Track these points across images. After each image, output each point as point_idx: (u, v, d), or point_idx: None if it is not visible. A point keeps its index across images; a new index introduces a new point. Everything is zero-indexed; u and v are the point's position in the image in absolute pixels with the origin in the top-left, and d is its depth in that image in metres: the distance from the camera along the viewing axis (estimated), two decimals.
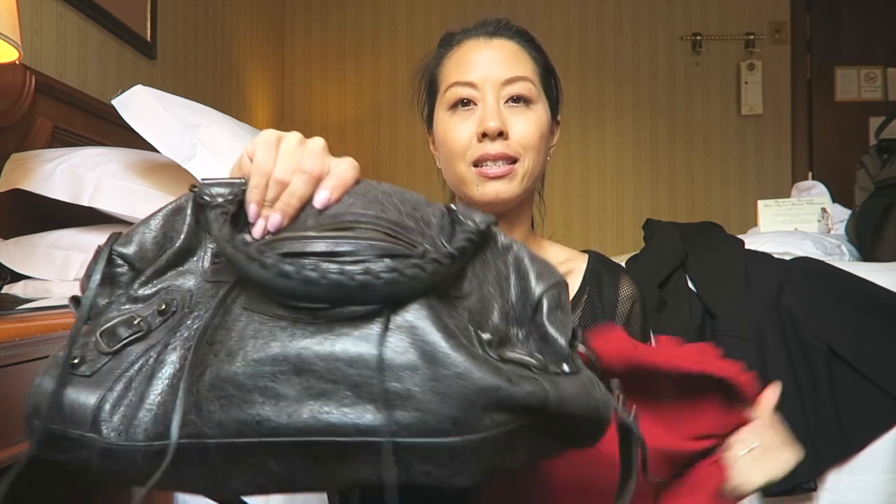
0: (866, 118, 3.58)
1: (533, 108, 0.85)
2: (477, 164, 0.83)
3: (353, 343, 0.42)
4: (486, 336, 0.46)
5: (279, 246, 0.47)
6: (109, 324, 0.48)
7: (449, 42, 0.91)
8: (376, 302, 0.43)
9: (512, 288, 0.51)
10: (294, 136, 0.55)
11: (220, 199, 0.50)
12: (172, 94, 1.42)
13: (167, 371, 0.45)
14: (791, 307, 1.36)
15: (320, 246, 0.46)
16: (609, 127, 3.77)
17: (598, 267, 0.91)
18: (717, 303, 1.39)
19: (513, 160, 0.83)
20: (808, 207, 2.07)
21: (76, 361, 0.46)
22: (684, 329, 1.35)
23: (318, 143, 0.56)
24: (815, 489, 1.26)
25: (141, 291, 0.50)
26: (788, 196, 2.40)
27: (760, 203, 2.12)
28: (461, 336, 0.44)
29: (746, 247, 1.60)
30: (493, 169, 0.82)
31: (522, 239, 0.89)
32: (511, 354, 0.46)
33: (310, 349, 0.42)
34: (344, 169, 0.53)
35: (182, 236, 0.51)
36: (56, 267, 1.37)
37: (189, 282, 0.50)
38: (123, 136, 1.66)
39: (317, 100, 3.83)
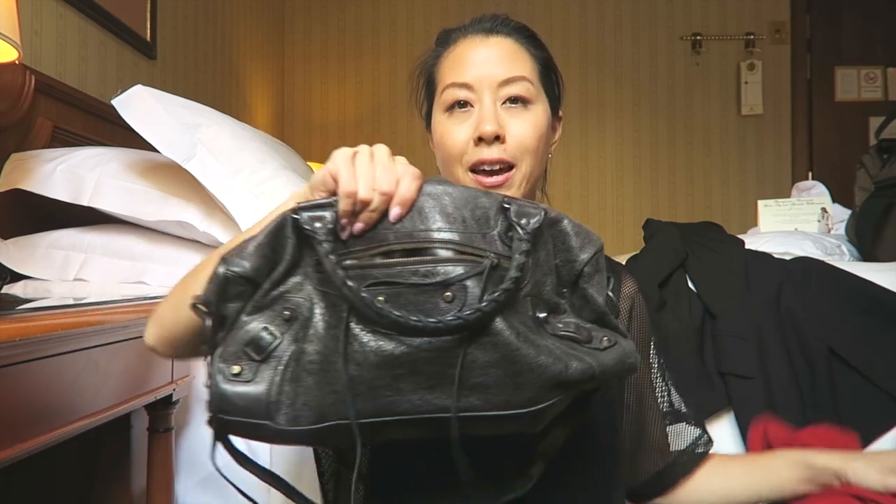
0: (866, 118, 3.58)
1: (531, 108, 0.84)
2: (474, 169, 0.82)
3: (450, 351, 0.57)
4: (541, 315, 0.62)
5: (373, 273, 0.59)
6: (251, 335, 0.59)
7: (445, 40, 0.89)
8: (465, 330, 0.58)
9: (559, 257, 0.64)
10: (365, 153, 0.63)
11: (319, 229, 0.60)
12: (172, 94, 1.42)
13: (309, 369, 0.58)
14: (791, 307, 1.36)
15: (407, 276, 0.59)
16: (609, 127, 3.77)
17: None
18: (717, 303, 1.39)
19: (510, 166, 0.81)
20: (808, 207, 2.07)
21: (237, 371, 0.58)
22: (684, 329, 1.35)
23: (384, 154, 0.64)
24: None
25: (263, 301, 0.60)
26: (788, 196, 2.40)
27: (760, 203, 2.12)
28: (526, 330, 0.59)
29: (746, 247, 1.60)
30: (489, 178, 0.81)
31: None
32: (562, 330, 0.62)
33: (420, 356, 0.57)
34: (407, 187, 0.62)
35: (288, 254, 0.61)
36: (56, 267, 1.37)
37: (300, 290, 0.61)
38: (123, 136, 1.66)
39: (317, 100, 3.83)
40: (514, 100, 0.83)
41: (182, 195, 1.37)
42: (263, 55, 3.53)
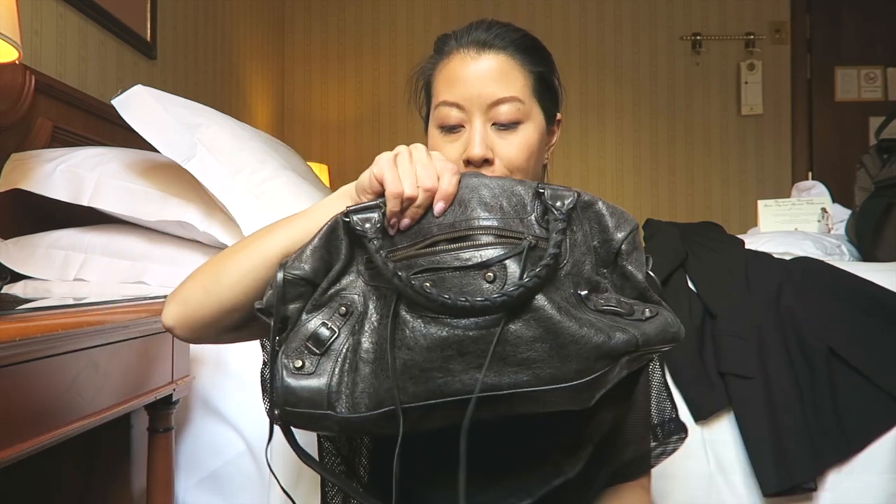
0: (866, 118, 3.58)
1: (521, 129, 0.83)
2: None
3: (495, 329, 0.60)
4: (583, 293, 0.65)
5: (419, 262, 0.64)
6: (311, 331, 0.65)
7: (441, 49, 0.89)
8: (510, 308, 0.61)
9: (595, 238, 0.68)
10: (405, 154, 0.69)
11: (369, 229, 0.65)
12: (172, 94, 1.42)
13: (365, 358, 0.63)
14: (791, 307, 1.36)
15: (451, 260, 0.64)
16: (609, 127, 3.77)
17: None
18: (717, 303, 1.39)
19: None
20: (808, 207, 2.07)
21: (300, 365, 0.64)
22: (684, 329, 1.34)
23: (422, 153, 0.69)
24: (815, 489, 1.26)
25: (321, 300, 0.66)
26: (788, 196, 2.40)
27: (760, 203, 2.12)
28: (568, 305, 0.62)
29: (746, 247, 1.60)
30: None
31: None
32: (603, 305, 0.64)
33: (468, 336, 0.61)
34: (448, 181, 0.67)
35: (342, 254, 0.67)
36: (56, 267, 1.37)
37: (354, 286, 0.67)
38: (123, 136, 1.66)
39: (317, 100, 3.83)
40: (502, 124, 0.83)
41: (182, 195, 1.37)
42: (263, 55, 3.53)
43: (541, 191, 0.67)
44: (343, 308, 0.65)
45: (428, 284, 0.62)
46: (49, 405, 0.79)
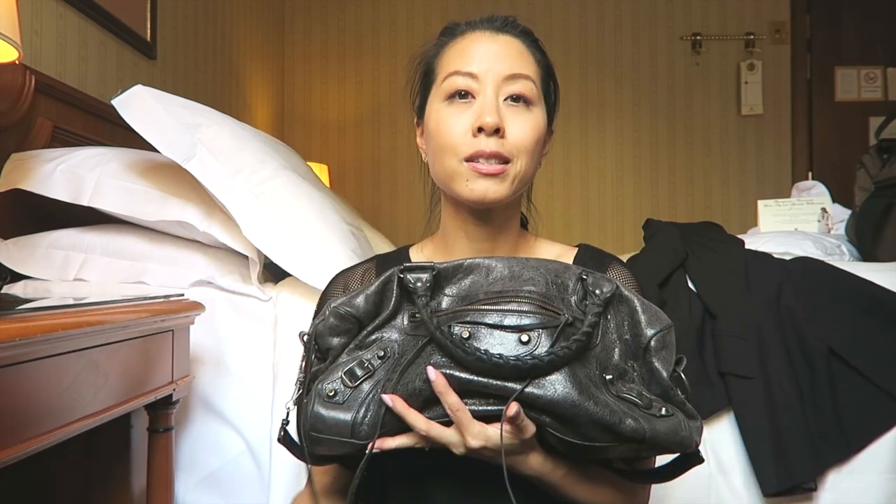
0: (866, 118, 3.58)
1: (532, 109, 0.83)
2: (469, 159, 0.81)
3: (514, 388, 0.66)
4: (608, 377, 0.68)
5: (462, 315, 0.69)
6: (348, 366, 0.70)
7: (452, 31, 0.89)
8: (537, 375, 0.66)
9: (627, 331, 0.72)
10: None
11: (419, 287, 0.70)
12: (172, 94, 1.42)
13: (386, 389, 0.69)
14: (791, 307, 1.36)
15: (492, 318, 0.68)
16: (609, 127, 3.77)
17: (585, 259, 0.90)
18: (717, 303, 1.39)
19: (505, 160, 0.80)
20: (808, 207, 2.07)
21: (332, 394, 0.69)
22: (684, 329, 1.35)
23: None
24: (815, 489, 1.26)
25: (364, 342, 0.72)
26: (788, 196, 2.40)
27: (760, 203, 2.12)
28: (589, 382, 0.66)
29: (746, 247, 1.60)
30: (485, 166, 0.80)
31: (514, 239, 0.89)
32: (625, 393, 0.68)
33: (490, 384, 0.66)
34: None
35: (392, 304, 0.72)
36: (56, 267, 1.37)
37: (395, 334, 0.72)
38: (123, 136, 1.66)
39: (317, 100, 3.83)
40: (516, 98, 0.82)
41: (182, 195, 1.37)
42: (263, 55, 3.53)
43: (584, 277, 0.72)
44: (382, 352, 0.71)
45: (465, 334, 0.67)
46: (49, 405, 0.79)
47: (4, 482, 1.16)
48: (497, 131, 0.80)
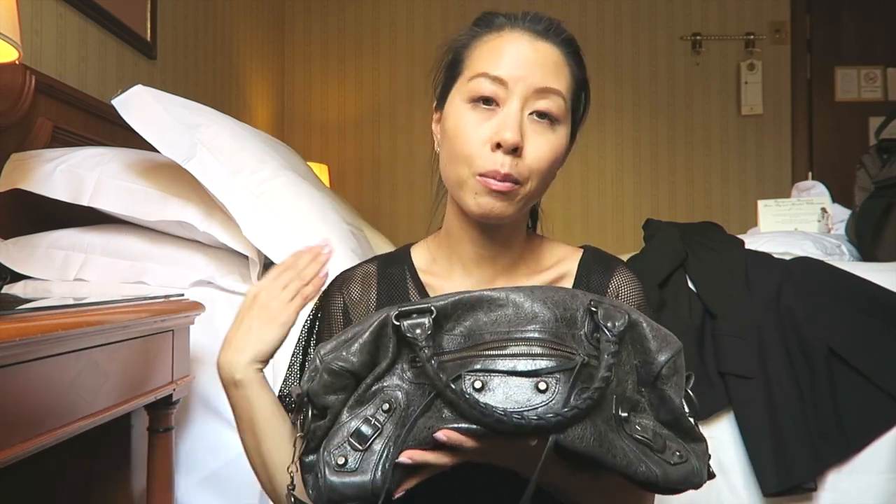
0: (866, 118, 3.58)
1: (556, 129, 0.80)
2: (482, 175, 0.78)
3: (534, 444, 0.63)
4: (623, 414, 0.66)
5: (470, 362, 0.65)
6: (354, 428, 0.66)
7: (489, 23, 0.82)
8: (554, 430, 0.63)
9: (637, 358, 0.69)
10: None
11: (420, 335, 0.65)
12: (172, 94, 1.42)
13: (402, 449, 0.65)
14: (791, 307, 1.36)
15: (504, 364, 0.64)
16: (609, 127, 3.77)
17: (590, 263, 0.89)
18: (717, 303, 1.39)
19: (517, 181, 0.78)
20: (808, 207, 2.07)
21: (342, 462, 0.65)
22: (684, 329, 1.35)
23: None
24: (815, 489, 1.26)
25: (365, 395, 0.67)
26: (788, 196, 2.40)
27: (760, 203, 2.12)
28: (607, 429, 0.64)
29: (746, 247, 1.60)
30: (496, 183, 0.77)
31: (520, 243, 0.88)
32: (639, 434, 0.66)
33: (504, 442, 0.63)
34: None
35: (390, 353, 0.67)
36: (56, 267, 1.37)
37: (398, 384, 0.67)
38: (123, 136, 1.66)
39: (317, 100, 3.83)
40: (542, 115, 0.78)
41: (182, 195, 1.37)
42: (263, 55, 3.53)
43: (594, 309, 0.68)
44: (386, 405, 0.66)
45: (478, 385, 0.63)
46: (49, 405, 0.79)
47: (4, 482, 1.16)
48: (515, 150, 0.77)
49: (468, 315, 0.68)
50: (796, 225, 2.05)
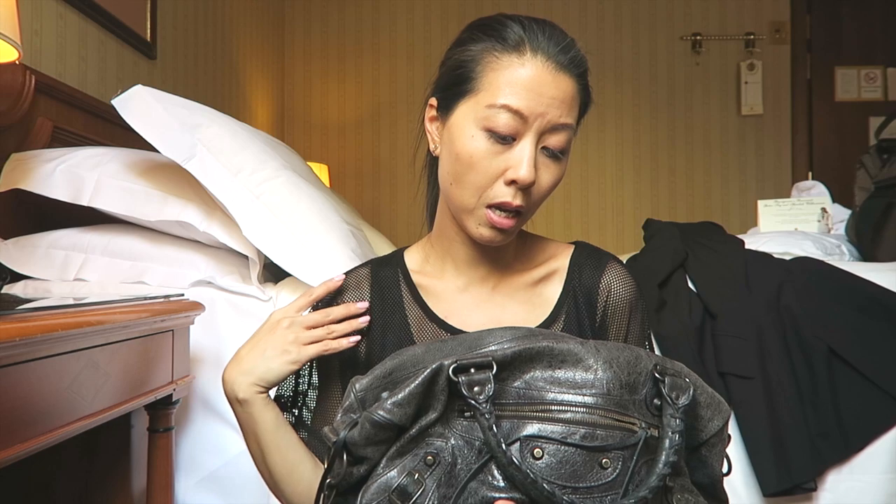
0: (866, 118, 3.58)
1: (562, 159, 0.81)
2: (490, 206, 0.78)
3: None
4: (670, 484, 0.64)
5: (526, 424, 0.62)
6: (396, 483, 0.61)
7: (503, 37, 0.78)
8: None
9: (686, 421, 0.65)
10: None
11: (480, 397, 0.61)
12: (172, 94, 1.42)
13: None
14: (791, 307, 1.36)
15: (562, 431, 0.61)
16: (609, 127, 3.77)
17: (582, 258, 0.89)
18: (717, 303, 1.39)
19: (521, 211, 0.79)
20: (808, 207, 2.07)
21: None
22: (684, 329, 1.35)
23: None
24: (815, 489, 1.26)
25: (407, 446, 0.63)
26: (788, 196, 2.40)
27: (760, 203, 2.12)
28: (654, 502, 0.62)
29: (746, 247, 1.60)
30: (501, 221, 0.78)
31: (512, 243, 0.88)
32: None
33: None
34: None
35: (440, 406, 0.63)
36: (56, 267, 1.37)
37: (445, 436, 0.63)
38: (123, 136, 1.66)
39: (317, 100, 3.83)
40: (552, 149, 0.79)
41: (182, 195, 1.37)
42: (263, 55, 3.53)
43: (658, 376, 0.65)
44: (430, 457, 0.62)
45: (537, 452, 0.60)
46: (49, 405, 0.79)
47: (4, 482, 1.16)
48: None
49: (528, 367, 0.64)
50: (796, 225, 2.05)
